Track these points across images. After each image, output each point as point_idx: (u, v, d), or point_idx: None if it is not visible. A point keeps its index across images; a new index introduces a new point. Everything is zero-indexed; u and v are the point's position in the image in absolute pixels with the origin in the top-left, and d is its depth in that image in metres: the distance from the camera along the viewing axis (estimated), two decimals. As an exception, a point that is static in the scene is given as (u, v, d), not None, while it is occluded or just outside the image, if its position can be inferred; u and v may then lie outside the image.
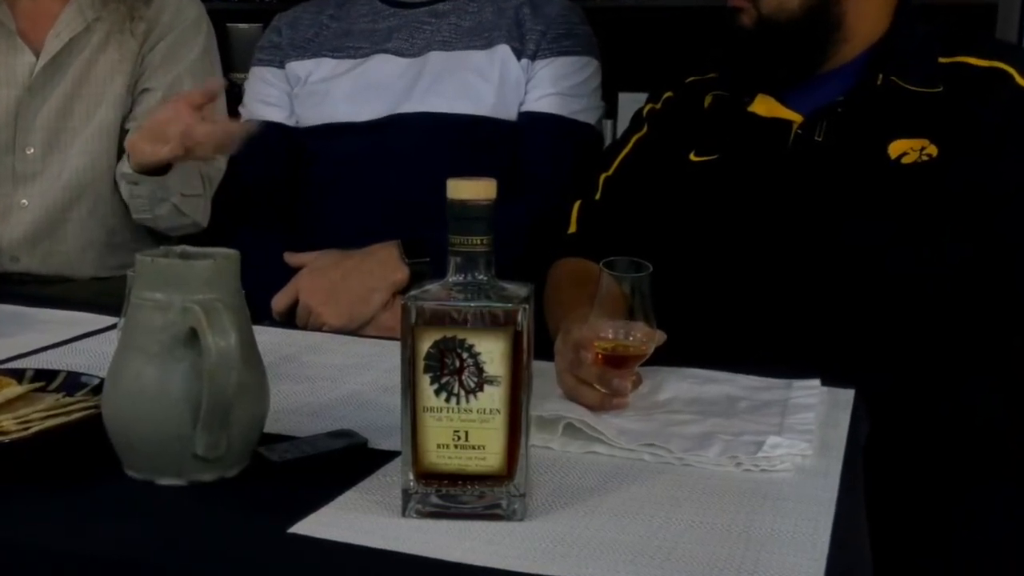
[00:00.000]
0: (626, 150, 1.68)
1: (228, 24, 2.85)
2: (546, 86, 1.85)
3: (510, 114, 1.85)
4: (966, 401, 1.43)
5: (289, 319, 1.68)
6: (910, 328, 1.42)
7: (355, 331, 1.63)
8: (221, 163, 1.93)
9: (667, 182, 1.59)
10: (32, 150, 1.96)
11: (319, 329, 1.62)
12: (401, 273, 1.67)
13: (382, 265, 1.68)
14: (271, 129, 1.92)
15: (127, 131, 2.01)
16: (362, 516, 0.94)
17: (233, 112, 2.00)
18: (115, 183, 1.98)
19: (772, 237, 1.47)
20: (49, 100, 1.96)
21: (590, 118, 1.89)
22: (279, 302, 1.68)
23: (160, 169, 1.75)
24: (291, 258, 1.74)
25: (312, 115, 1.91)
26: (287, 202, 1.90)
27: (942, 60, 1.48)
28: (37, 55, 1.96)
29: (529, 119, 1.85)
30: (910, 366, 1.42)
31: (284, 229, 1.86)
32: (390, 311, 1.66)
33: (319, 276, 1.68)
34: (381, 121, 1.85)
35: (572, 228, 1.65)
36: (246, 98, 1.98)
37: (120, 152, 2.01)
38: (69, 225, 1.98)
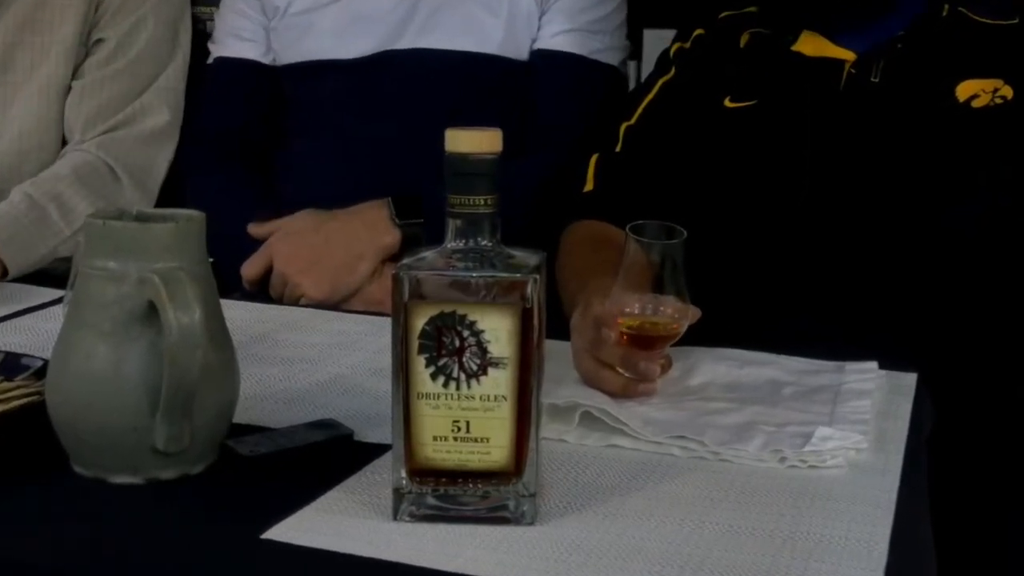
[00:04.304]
0: (651, 96, 1.67)
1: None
2: (562, 21, 1.84)
3: (520, 52, 1.85)
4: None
5: (261, 289, 1.67)
6: (982, 299, 1.42)
7: (338, 304, 1.62)
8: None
9: (698, 132, 1.59)
10: None
11: (296, 302, 1.61)
12: (391, 236, 1.66)
13: (369, 227, 1.67)
14: (244, 68, 1.91)
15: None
16: (347, 519, 0.93)
17: (200, 54, 1.99)
18: (64, 147, 1.96)
19: (821, 194, 1.47)
20: None
21: (613, 58, 1.88)
22: (250, 269, 1.67)
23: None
24: (257, 229, 1.72)
25: (291, 52, 1.90)
26: (262, 153, 1.89)
27: None
28: None
29: (543, 58, 1.85)
30: (983, 346, 1.42)
31: (259, 185, 1.84)
32: (378, 282, 1.65)
33: (297, 240, 1.67)
34: (371, 59, 1.84)
35: (589, 186, 1.65)
36: (216, 33, 1.97)
37: None
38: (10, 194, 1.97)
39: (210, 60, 1.97)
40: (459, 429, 0.92)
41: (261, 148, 1.89)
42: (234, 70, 1.93)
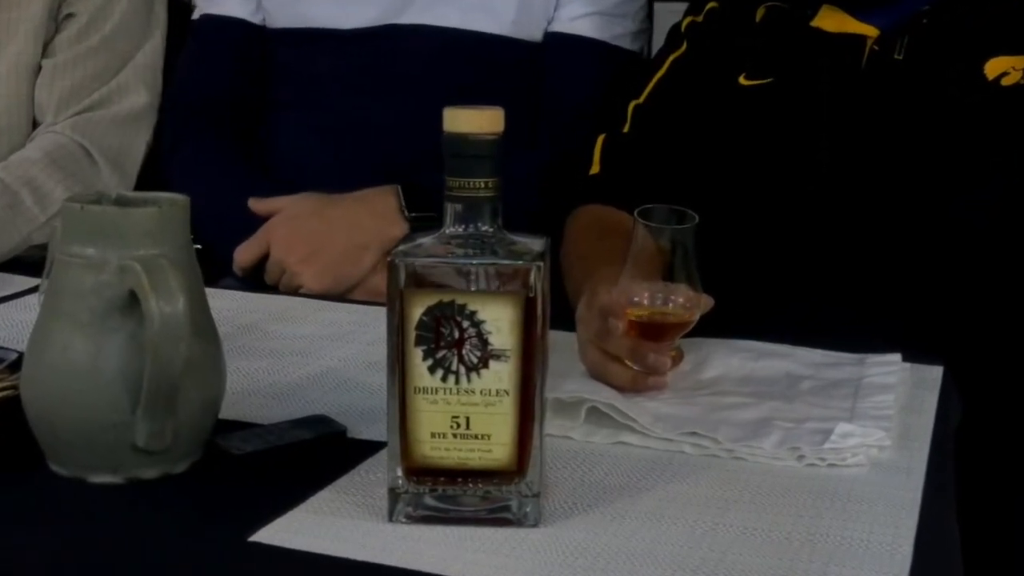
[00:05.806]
0: (660, 73, 1.67)
1: None
2: (583, 3, 1.82)
3: (533, 34, 1.83)
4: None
5: (255, 276, 1.65)
6: (1003, 286, 1.43)
7: (339, 296, 1.60)
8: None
9: (711, 111, 1.59)
10: None
11: (294, 292, 1.60)
12: (399, 228, 1.62)
13: (376, 216, 1.65)
14: (232, 26, 1.88)
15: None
16: (339, 521, 0.93)
17: (179, 30, 1.97)
18: (35, 129, 1.96)
19: (841, 177, 1.47)
20: None
21: (635, 44, 1.87)
22: (245, 254, 1.64)
23: None
24: (258, 205, 1.69)
25: (285, 15, 1.87)
26: (252, 121, 1.86)
27: None
28: None
29: (561, 43, 1.83)
30: (1003, 335, 1.42)
31: (251, 158, 1.82)
32: (383, 273, 1.62)
33: (297, 226, 1.64)
34: (372, 31, 1.82)
35: (595, 168, 1.65)
36: None
37: None
38: None
39: (195, 16, 1.93)
40: (458, 425, 0.91)
41: (250, 115, 1.87)
42: (221, 29, 1.89)
